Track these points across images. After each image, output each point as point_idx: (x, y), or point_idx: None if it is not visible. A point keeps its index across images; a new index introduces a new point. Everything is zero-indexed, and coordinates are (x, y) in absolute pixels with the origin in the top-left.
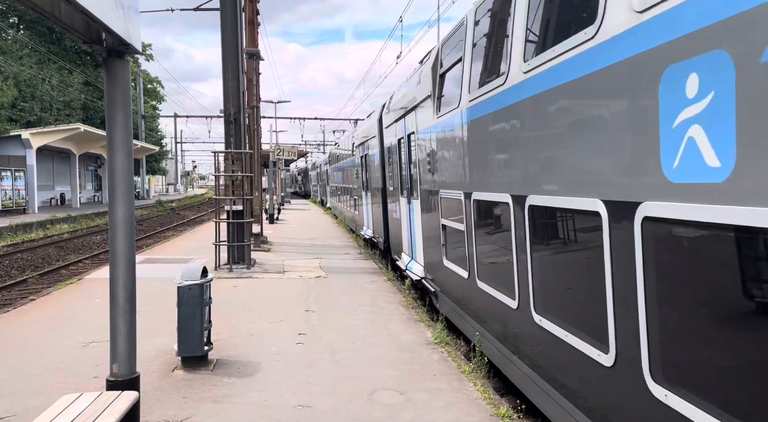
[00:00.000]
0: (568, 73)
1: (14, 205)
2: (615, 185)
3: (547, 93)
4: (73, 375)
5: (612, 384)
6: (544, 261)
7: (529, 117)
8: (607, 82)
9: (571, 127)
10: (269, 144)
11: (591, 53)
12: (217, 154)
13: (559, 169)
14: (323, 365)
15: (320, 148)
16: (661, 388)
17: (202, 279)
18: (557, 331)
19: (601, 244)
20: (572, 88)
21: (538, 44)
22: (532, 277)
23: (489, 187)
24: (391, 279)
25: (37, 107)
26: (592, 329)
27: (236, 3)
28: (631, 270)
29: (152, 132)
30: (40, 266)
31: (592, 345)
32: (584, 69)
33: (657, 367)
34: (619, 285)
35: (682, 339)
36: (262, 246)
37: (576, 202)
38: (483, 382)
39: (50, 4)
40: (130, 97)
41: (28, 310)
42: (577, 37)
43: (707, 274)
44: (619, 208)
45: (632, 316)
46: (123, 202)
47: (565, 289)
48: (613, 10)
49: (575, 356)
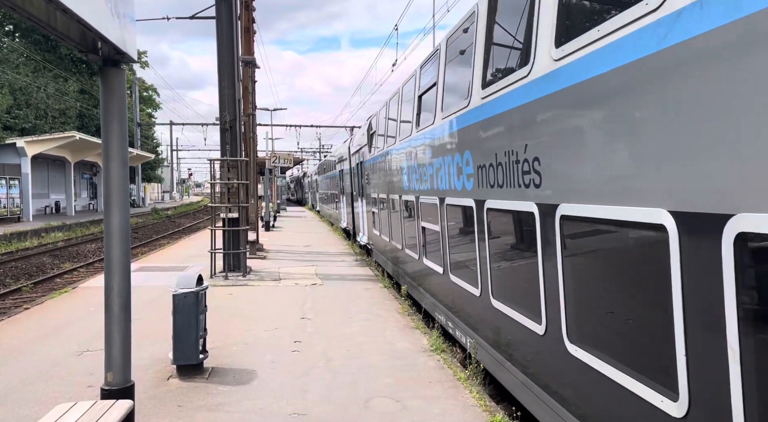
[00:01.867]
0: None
1: (8, 213)
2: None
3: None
4: (68, 384)
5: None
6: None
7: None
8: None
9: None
10: (265, 151)
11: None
12: (213, 162)
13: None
14: (319, 373)
15: (316, 155)
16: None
17: (198, 286)
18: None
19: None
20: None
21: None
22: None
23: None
24: (387, 287)
25: (32, 115)
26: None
27: (232, 11)
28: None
29: (148, 140)
30: (34, 275)
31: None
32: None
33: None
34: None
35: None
36: (258, 253)
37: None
38: (479, 389)
39: (46, 13)
40: (125, 105)
41: (22, 319)
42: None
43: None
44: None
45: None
46: (118, 209)
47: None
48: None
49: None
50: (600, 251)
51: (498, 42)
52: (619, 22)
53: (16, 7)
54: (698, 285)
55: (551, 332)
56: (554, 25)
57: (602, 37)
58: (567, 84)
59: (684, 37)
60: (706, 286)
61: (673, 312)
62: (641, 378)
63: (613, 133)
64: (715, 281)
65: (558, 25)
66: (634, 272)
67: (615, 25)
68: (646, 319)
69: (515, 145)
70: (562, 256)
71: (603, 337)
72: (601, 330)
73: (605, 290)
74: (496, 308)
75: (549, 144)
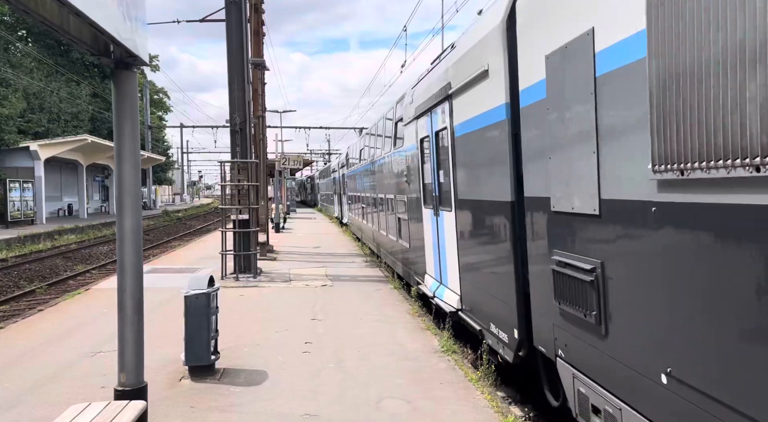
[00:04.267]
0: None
1: (22, 215)
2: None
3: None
4: (81, 384)
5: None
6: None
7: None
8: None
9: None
10: (275, 153)
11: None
12: (224, 164)
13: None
14: (330, 374)
15: (325, 157)
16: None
17: (209, 288)
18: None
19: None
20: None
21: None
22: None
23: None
24: (397, 288)
25: (45, 119)
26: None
27: (242, 14)
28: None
29: (159, 142)
30: (48, 277)
31: None
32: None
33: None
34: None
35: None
36: (269, 255)
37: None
38: (490, 390)
39: (59, 17)
40: (137, 107)
41: (37, 320)
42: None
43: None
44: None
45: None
46: (131, 211)
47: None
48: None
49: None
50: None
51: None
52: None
53: (30, 11)
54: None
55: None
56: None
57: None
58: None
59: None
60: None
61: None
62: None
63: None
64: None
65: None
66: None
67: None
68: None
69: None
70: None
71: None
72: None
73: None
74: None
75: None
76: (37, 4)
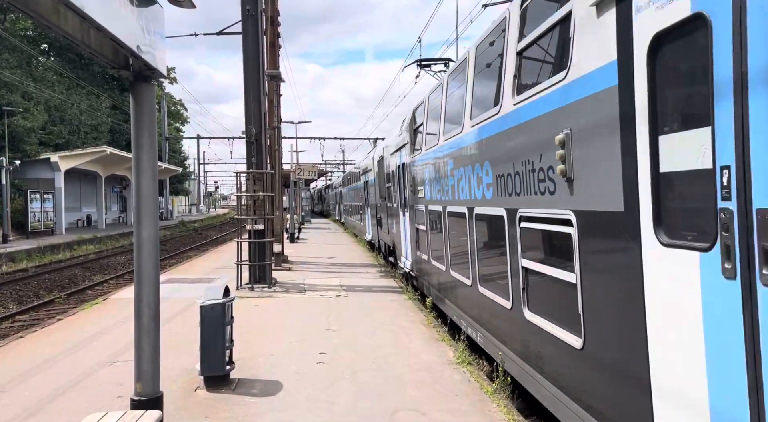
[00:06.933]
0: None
1: (42, 226)
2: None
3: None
4: (98, 394)
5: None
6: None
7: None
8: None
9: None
10: (290, 164)
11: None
12: (239, 175)
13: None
14: (344, 385)
15: (340, 167)
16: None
17: (225, 298)
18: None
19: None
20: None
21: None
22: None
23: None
24: (411, 298)
25: (66, 131)
26: None
27: (258, 27)
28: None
29: (176, 153)
30: (66, 286)
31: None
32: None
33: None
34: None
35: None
36: (283, 265)
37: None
38: (506, 403)
39: (81, 31)
40: (155, 119)
41: (55, 330)
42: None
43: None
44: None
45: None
46: (148, 221)
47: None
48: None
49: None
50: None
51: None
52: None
53: (53, 25)
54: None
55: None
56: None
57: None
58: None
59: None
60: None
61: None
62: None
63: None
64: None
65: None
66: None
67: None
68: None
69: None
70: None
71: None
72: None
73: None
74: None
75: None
76: (59, 19)
